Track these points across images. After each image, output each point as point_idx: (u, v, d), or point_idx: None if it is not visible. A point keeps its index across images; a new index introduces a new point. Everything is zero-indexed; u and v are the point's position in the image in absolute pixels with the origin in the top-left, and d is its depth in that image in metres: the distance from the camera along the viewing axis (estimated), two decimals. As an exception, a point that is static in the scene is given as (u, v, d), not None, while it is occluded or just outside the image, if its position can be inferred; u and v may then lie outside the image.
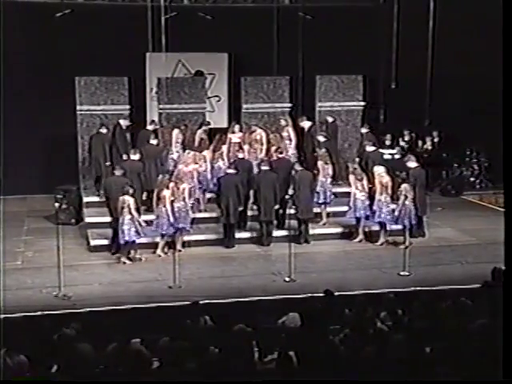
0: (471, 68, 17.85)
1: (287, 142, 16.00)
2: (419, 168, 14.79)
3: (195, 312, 9.72)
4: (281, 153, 15.19)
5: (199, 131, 15.75)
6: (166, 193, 13.45)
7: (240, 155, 15.10)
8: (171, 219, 13.43)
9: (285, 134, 16.08)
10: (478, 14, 17.36)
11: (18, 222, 15.80)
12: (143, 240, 13.59)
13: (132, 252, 13.47)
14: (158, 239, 13.69)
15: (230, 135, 15.79)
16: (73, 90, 16.27)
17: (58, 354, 8.10)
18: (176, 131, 15.77)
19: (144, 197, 14.40)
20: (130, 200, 13.18)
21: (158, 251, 13.68)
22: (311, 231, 14.64)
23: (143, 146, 15.33)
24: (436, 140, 19.08)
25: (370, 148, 15.60)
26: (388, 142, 18.36)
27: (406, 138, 18.91)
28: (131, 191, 13.21)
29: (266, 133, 16.00)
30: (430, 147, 18.97)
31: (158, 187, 13.72)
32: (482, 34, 17.05)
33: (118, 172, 13.99)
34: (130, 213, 13.08)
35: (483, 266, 11.41)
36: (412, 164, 14.73)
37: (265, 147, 15.73)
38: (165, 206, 13.40)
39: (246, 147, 15.66)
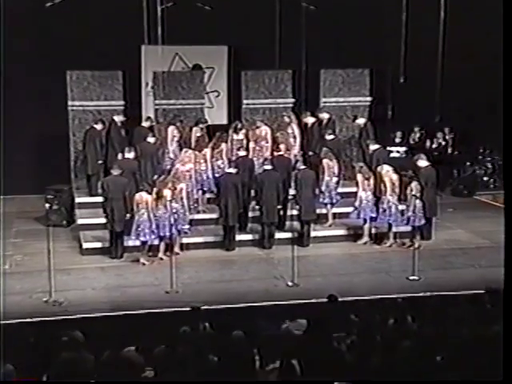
0: (484, 61, 17.83)
1: (291, 139, 16.00)
2: (430, 167, 14.78)
3: (193, 318, 9.72)
4: (279, 150, 15.20)
5: (195, 128, 15.74)
6: (167, 192, 13.48)
7: (241, 153, 15.11)
8: (172, 220, 13.45)
9: (289, 131, 16.08)
10: (492, 3, 17.33)
11: (6, 223, 15.77)
12: (137, 242, 13.60)
13: (150, 252, 13.67)
14: (156, 242, 13.69)
15: (231, 133, 15.76)
16: (64, 84, 16.26)
17: (48, 363, 8.09)
18: (171, 128, 15.76)
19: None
20: (148, 197, 13.23)
21: (160, 254, 13.70)
22: (315, 233, 14.66)
23: (139, 144, 15.35)
24: (447, 137, 19.05)
25: (373, 146, 15.59)
26: (398, 140, 18.37)
27: (417, 136, 18.90)
28: (148, 188, 13.39)
29: (270, 129, 16.01)
30: (441, 145, 18.95)
31: (157, 187, 13.74)
32: (496, 23, 17.01)
33: (115, 172, 14.00)
34: (147, 211, 13.18)
35: (497, 270, 11.37)
36: (423, 163, 14.72)
37: (270, 145, 15.74)
38: (165, 207, 13.42)
39: (251, 145, 15.67)
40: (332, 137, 16.04)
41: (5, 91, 17.11)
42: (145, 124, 16.13)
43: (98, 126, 15.81)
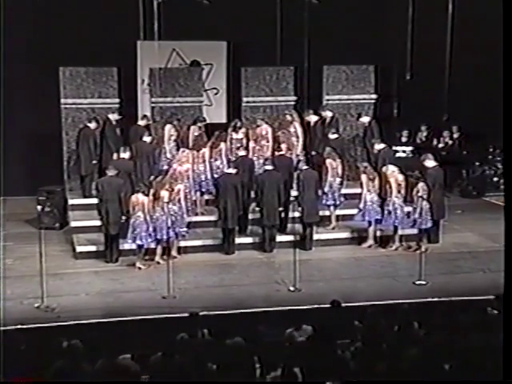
0: (494, 57, 17.78)
1: (294, 139, 16.00)
2: (437, 167, 14.78)
3: (191, 325, 9.72)
4: (280, 150, 15.22)
5: (193, 127, 15.76)
6: (164, 194, 13.48)
7: (241, 153, 15.12)
8: (169, 223, 13.46)
9: (291, 130, 16.09)
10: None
11: (-4, 226, 15.82)
12: (133, 246, 13.60)
13: (147, 256, 13.71)
14: (152, 245, 13.69)
15: (231, 132, 15.77)
16: (57, 81, 16.25)
17: (40, 371, 8.09)
18: (168, 127, 15.76)
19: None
20: (144, 199, 13.25)
21: (157, 258, 13.71)
22: (318, 236, 14.66)
23: (135, 144, 15.36)
24: (455, 136, 19.05)
25: (379, 145, 15.58)
26: (404, 139, 18.35)
27: (424, 135, 18.88)
28: (144, 189, 13.42)
29: (271, 128, 16.02)
30: (449, 144, 18.94)
31: (154, 188, 13.75)
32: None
33: (110, 172, 14.01)
34: (144, 213, 13.19)
35: (507, 275, 11.38)
36: (430, 163, 14.72)
37: (270, 144, 15.75)
38: (162, 209, 13.43)
39: (251, 144, 15.68)
40: (335, 136, 16.04)
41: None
42: (141, 123, 16.12)
43: (92, 125, 15.80)
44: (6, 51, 17.13)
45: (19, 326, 10.64)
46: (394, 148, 17.08)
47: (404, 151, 17.89)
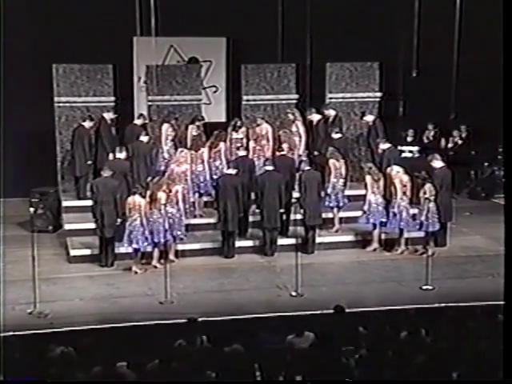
0: (503, 54, 17.78)
1: (296, 138, 16.01)
2: (445, 168, 14.78)
3: (189, 331, 9.72)
4: (281, 150, 15.22)
5: (191, 127, 15.77)
6: (162, 195, 13.49)
7: (241, 153, 15.12)
8: (166, 225, 13.46)
9: (293, 129, 16.10)
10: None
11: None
12: (129, 249, 13.60)
13: (144, 260, 13.71)
14: (149, 249, 13.69)
15: (230, 132, 15.78)
16: (50, 79, 16.25)
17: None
18: (166, 126, 15.77)
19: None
20: (140, 201, 13.25)
21: (154, 262, 13.71)
22: (321, 239, 14.66)
23: (131, 143, 15.37)
24: (463, 135, 19.03)
25: (384, 145, 15.57)
26: (410, 138, 18.35)
27: (431, 134, 18.88)
28: (141, 191, 13.41)
29: (272, 127, 16.03)
30: (457, 144, 18.93)
31: (151, 189, 13.76)
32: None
33: (106, 173, 14.01)
34: (140, 215, 13.19)
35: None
36: (437, 164, 14.73)
37: (271, 144, 15.76)
38: (160, 211, 13.43)
39: (251, 144, 15.69)
40: (339, 135, 16.04)
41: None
42: (137, 122, 16.13)
43: (87, 124, 15.80)
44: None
45: (11, 333, 10.64)
46: (400, 148, 17.08)
47: (410, 151, 17.88)
